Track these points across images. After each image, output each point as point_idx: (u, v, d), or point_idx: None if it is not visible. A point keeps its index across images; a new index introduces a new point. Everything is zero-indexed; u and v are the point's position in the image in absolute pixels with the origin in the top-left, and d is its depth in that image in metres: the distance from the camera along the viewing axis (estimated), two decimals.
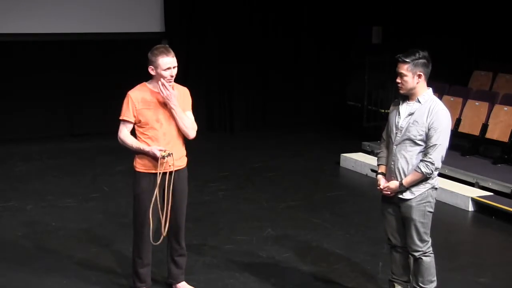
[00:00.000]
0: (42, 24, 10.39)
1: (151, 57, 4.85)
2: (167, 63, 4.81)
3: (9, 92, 10.40)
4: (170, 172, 4.85)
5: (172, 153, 4.83)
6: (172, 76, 4.85)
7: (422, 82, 4.65)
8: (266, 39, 11.84)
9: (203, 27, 11.39)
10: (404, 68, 4.61)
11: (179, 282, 5.27)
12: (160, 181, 4.86)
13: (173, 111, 4.86)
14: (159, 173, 4.83)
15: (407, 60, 4.60)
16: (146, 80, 4.99)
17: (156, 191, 4.83)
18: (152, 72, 4.88)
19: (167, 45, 4.95)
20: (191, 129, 4.97)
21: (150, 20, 11.11)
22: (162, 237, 4.91)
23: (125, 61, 10.50)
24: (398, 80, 4.67)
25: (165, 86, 4.81)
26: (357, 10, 12.04)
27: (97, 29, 10.74)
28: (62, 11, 10.48)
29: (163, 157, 4.80)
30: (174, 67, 4.85)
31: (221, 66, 11.63)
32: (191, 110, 5.08)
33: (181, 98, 5.00)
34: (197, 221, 6.73)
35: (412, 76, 4.62)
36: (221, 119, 11.83)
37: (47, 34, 10.45)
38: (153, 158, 4.85)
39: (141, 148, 4.87)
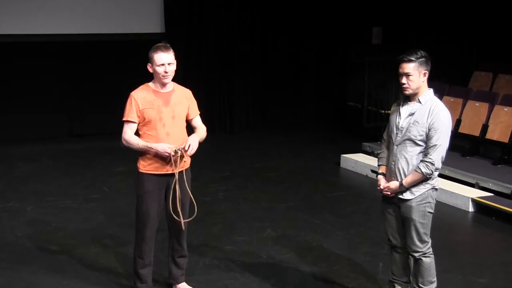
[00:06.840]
0: (42, 25, 10.40)
1: (150, 53, 4.84)
2: (162, 58, 4.78)
3: (9, 93, 10.40)
4: (175, 173, 4.85)
5: (184, 148, 4.80)
6: (166, 73, 4.80)
7: (425, 81, 4.66)
8: (265, 40, 11.84)
9: (203, 28, 11.39)
10: (411, 68, 4.59)
11: (180, 283, 5.26)
12: (165, 181, 4.87)
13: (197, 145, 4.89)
14: (176, 173, 4.82)
15: (413, 59, 4.59)
16: (146, 81, 4.98)
17: (177, 188, 4.85)
18: (150, 70, 4.87)
19: (167, 44, 4.92)
20: (205, 134, 5.06)
21: (150, 21, 11.11)
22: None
23: (125, 61, 10.52)
24: (404, 81, 4.63)
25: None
26: (357, 10, 12.03)
27: (97, 30, 10.75)
28: (62, 12, 10.49)
29: (176, 152, 4.77)
30: (169, 64, 4.81)
31: (221, 66, 11.63)
32: (198, 113, 5.10)
33: (187, 102, 5.00)
34: (197, 222, 6.71)
35: (418, 75, 4.61)
36: (221, 119, 11.83)
37: (46, 35, 10.46)
38: (161, 156, 4.80)
39: (148, 145, 4.81)
